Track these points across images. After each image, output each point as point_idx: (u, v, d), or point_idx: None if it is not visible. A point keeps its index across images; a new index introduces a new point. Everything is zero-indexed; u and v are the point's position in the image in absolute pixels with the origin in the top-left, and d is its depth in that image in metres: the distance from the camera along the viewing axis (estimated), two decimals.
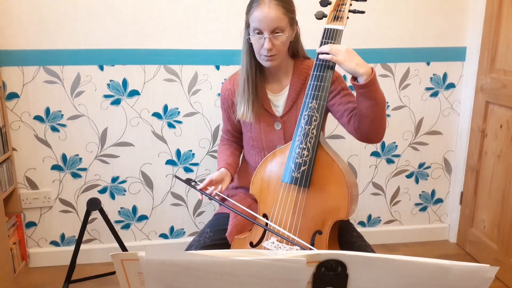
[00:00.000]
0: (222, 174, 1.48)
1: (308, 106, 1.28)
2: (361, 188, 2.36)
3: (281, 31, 1.35)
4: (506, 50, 2.02)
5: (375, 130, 1.34)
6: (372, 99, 1.24)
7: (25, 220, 2.15)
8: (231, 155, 1.60)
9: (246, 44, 1.43)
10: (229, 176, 1.50)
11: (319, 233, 1.26)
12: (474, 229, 2.29)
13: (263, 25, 1.33)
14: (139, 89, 2.07)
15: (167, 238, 2.29)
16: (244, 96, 1.46)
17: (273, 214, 1.31)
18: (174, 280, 0.73)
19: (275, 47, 1.35)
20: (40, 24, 1.94)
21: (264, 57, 1.38)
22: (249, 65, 1.44)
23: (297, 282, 0.71)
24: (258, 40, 1.36)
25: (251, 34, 1.37)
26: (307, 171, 1.26)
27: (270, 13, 1.32)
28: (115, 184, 2.17)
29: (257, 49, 1.38)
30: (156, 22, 2.01)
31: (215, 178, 1.44)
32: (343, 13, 1.31)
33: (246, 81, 1.45)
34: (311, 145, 1.26)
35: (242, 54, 1.46)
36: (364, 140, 1.39)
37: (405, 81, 2.24)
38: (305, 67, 1.48)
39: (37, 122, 2.05)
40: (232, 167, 1.55)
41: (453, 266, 0.70)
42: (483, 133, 2.19)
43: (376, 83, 1.24)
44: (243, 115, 1.47)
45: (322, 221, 1.26)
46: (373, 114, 1.28)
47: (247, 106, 1.46)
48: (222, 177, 1.47)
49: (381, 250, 2.33)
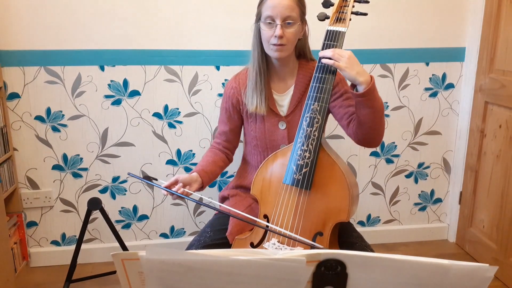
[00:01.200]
0: (191, 178, 1.41)
1: (310, 108, 1.28)
2: (361, 188, 2.37)
3: (292, 21, 1.37)
4: (505, 50, 2.02)
5: (373, 136, 1.35)
6: (370, 107, 1.25)
7: (26, 220, 2.15)
8: (212, 164, 1.53)
9: (257, 38, 1.44)
10: (198, 182, 1.42)
11: (320, 235, 1.26)
12: (473, 228, 2.30)
13: (276, 12, 1.35)
14: (139, 89, 2.08)
15: (168, 237, 2.30)
16: (257, 89, 1.46)
17: (274, 216, 1.30)
18: (175, 279, 0.73)
19: (285, 36, 1.37)
20: (41, 25, 1.95)
21: (273, 47, 1.39)
22: (260, 58, 1.45)
23: (297, 282, 0.71)
24: (269, 28, 1.38)
25: (263, 22, 1.39)
26: (308, 173, 1.26)
27: (284, 0, 1.35)
28: (116, 184, 2.18)
29: (267, 38, 1.39)
30: (157, 22, 2.01)
31: (181, 179, 1.37)
32: (346, 14, 1.31)
33: (258, 74, 1.46)
34: (313, 147, 1.26)
35: (252, 48, 1.47)
36: (362, 144, 1.40)
37: (404, 82, 2.24)
38: (310, 67, 1.49)
39: (38, 122, 2.05)
40: (207, 176, 1.47)
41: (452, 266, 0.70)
42: (482, 133, 2.19)
43: (375, 91, 1.25)
44: (257, 107, 1.47)
45: (323, 222, 1.26)
46: (371, 121, 1.29)
47: (261, 99, 1.46)
48: (190, 181, 1.40)
49: (380, 250, 2.34)
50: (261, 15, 1.40)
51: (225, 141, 1.62)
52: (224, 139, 1.61)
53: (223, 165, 1.60)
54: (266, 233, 1.33)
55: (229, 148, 1.63)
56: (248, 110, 1.51)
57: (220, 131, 1.62)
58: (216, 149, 1.61)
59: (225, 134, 1.61)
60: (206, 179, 1.46)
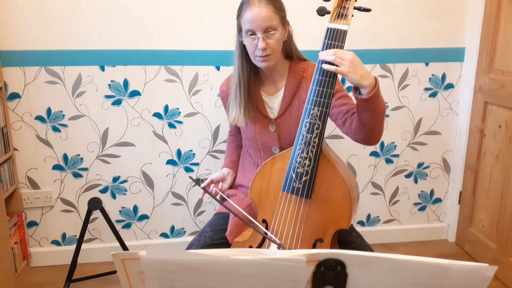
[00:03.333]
0: (223, 174, 1.57)
1: (309, 113, 1.22)
2: (360, 188, 2.37)
3: (273, 29, 1.34)
4: (505, 50, 2.02)
5: (373, 137, 1.32)
6: (373, 110, 1.21)
7: (27, 220, 2.16)
8: (236, 149, 1.66)
9: (239, 49, 1.43)
10: (231, 174, 1.58)
11: (320, 241, 1.25)
12: (473, 228, 2.30)
13: (256, 25, 1.32)
14: (140, 89, 2.08)
15: (168, 237, 2.30)
16: (236, 101, 1.45)
17: (274, 224, 1.28)
18: (175, 279, 0.73)
19: (269, 47, 1.34)
20: (41, 25, 1.95)
21: (259, 58, 1.37)
22: (241, 69, 1.44)
23: (297, 281, 0.71)
24: (251, 42, 1.35)
25: (244, 36, 1.37)
26: (308, 181, 1.22)
27: (261, 13, 1.32)
28: (116, 184, 2.18)
29: (252, 50, 1.37)
30: (157, 23, 2.01)
31: (215, 178, 1.51)
32: (348, 10, 1.20)
33: (238, 85, 1.44)
34: (313, 154, 1.21)
35: (234, 59, 1.46)
36: (360, 143, 1.37)
37: (404, 82, 2.25)
38: (300, 69, 1.47)
39: (38, 122, 2.05)
40: (236, 164, 1.61)
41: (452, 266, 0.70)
42: (482, 133, 2.19)
43: (379, 95, 1.19)
44: (234, 119, 1.47)
45: (324, 230, 1.24)
46: (373, 124, 1.25)
47: (239, 110, 1.45)
48: (223, 176, 1.56)
49: (380, 250, 2.34)
50: (241, 28, 1.38)
51: (237, 128, 1.65)
52: (235, 128, 1.70)
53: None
54: (265, 238, 1.32)
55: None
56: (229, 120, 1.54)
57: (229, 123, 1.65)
58: (234, 134, 1.71)
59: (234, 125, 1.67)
60: (236, 168, 1.59)
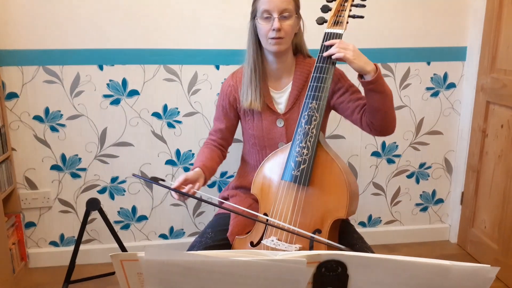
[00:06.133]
0: (197, 173, 1.41)
1: (308, 107, 1.31)
2: (362, 188, 2.36)
3: (289, 13, 1.39)
4: (507, 49, 2.01)
5: (389, 122, 1.38)
6: (381, 92, 1.29)
7: (25, 220, 2.15)
8: (211, 160, 1.52)
9: (252, 35, 1.46)
10: (203, 178, 1.42)
11: (318, 232, 1.27)
12: (475, 229, 2.29)
13: (273, 6, 1.37)
14: (138, 89, 2.07)
15: (167, 238, 2.29)
16: (252, 86, 1.47)
17: (273, 212, 1.32)
18: (174, 280, 0.73)
19: (283, 29, 1.38)
20: (39, 24, 1.94)
21: (271, 41, 1.40)
22: (255, 55, 1.47)
23: (298, 283, 0.71)
24: (266, 23, 1.39)
25: (259, 17, 1.40)
26: (306, 169, 1.27)
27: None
28: (115, 184, 2.17)
29: (265, 32, 1.40)
30: (156, 22, 2.00)
31: (190, 177, 1.36)
32: (343, 18, 1.37)
33: (253, 70, 1.47)
34: (311, 144, 1.28)
35: (247, 46, 1.49)
36: (378, 133, 1.41)
37: (405, 81, 2.24)
38: (307, 64, 1.50)
39: (36, 122, 2.04)
40: (208, 171, 1.46)
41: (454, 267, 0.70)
42: (484, 133, 2.18)
43: (382, 77, 1.29)
44: (251, 103, 1.47)
45: (322, 219, 1.27)
46: (385, 106, 1.33)
47: (255, 95, 1.47)
48: (197, 177, 1.40)
49: (381, 251, 2.33)
50: (257, 11, 1.41)
51: (220, 139, 1.62)
52: (220, 136, 1.61)
53: (219, 161, 1.60)
54: (265, 231, 1.33)
55: (223, 145, 1.64)
56: (243, 106, 1.51)
57: (215, 128, 1.62)
58: (211, 146, 1.61)
59: (220, 132, 1.61)
60: (207, 174, 1.46)
